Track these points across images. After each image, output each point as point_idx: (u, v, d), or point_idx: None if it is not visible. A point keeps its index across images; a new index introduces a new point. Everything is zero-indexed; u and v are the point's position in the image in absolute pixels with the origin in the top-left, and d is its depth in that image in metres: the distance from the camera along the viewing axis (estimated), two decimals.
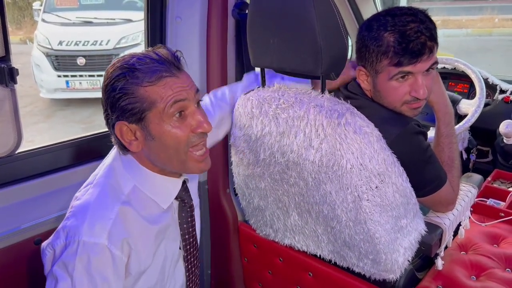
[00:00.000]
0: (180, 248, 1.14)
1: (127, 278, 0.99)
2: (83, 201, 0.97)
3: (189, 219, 1.13)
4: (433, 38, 1.09)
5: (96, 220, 0.93)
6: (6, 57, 1.12)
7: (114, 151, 1.05)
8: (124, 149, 1.00)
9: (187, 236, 1.13)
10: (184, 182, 1.09)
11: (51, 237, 0.96)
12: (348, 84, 1.26)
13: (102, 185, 0.98)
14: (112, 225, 0.93)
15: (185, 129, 0.96)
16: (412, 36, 1.06)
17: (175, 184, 1.06)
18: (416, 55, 1.07)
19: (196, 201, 1.20)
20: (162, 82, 0.92)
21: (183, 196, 1.10)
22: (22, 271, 1.26)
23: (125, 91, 0.91)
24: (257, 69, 1.39)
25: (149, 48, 0.98)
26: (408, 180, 1.12)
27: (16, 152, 1.22)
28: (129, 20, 5.70)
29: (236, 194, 1.54)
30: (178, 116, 0.95)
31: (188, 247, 1.15)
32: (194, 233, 1.16)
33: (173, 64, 0.95)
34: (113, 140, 1.01)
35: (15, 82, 1.15)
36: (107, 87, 0.94)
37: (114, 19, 5.74)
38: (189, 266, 1.18)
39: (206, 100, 1.35)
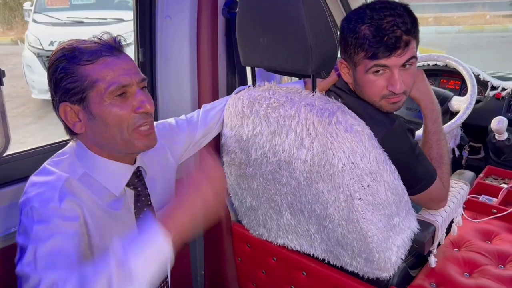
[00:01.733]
0: None
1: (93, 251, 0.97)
2: (31, 180, 0.96)
3: (145, 209, 1.10)
4: (410, 32, 1.08)
5: (44, 188, 0.92)
6: None
7: (70, 142, 1.05)
8: (71, 133, 1.01)
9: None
10: (139, 171, 1.09)
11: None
12: (337, 81, 1.26)
13: (49, 165, 0.99)
14: (61, 189, 0.92)
15: (126, 108, 0.96)
16: (387, 29, 1.06)
17: (125, 170, 1.05)
18: (390, 49, 1.07)
19: (164, 200, 1.17)
20: (101, 61, 0.93)
21: (136, 184, 1.08)
22: (10, 275, 1.24)
23: (65, 71, 0.93)
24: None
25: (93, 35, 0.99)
26: (400, 178, 1.12)
27: (4, 154, 1.20)
28: (121, 20, 5.66)
29: (228, 194, 1.54)
30: (119, 96, 0.95)
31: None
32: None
33: (113, 46, 0.97)
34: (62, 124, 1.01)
35: (1, 83, 1.14)
36: (50, 69, 0.95)
37: (105, 19, 5.70)
38: None
39: (195, 112, 1.36)
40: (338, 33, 1.15)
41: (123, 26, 5.55)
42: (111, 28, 5.49)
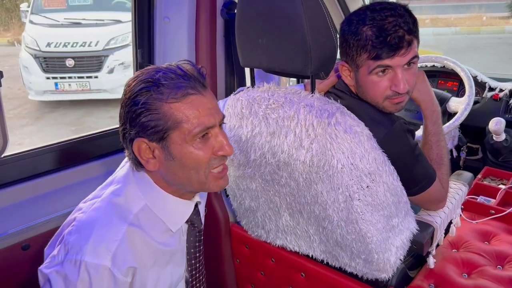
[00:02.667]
0: (184, 271, 1.11)
1: None
2: (88, 216, 0.91)
3: (197, 244, 1.09)
4: (412, 31, 1.09)
5: (101, 240, 0.88)
6: None
7: (126, 166, 0.99)
8: (139, 165, 0.95)
9: (193, 261, 1.10)
10: (196, 206, 1.06)
11: (54, 251, 0.91)
12: (336, 83, 1.26)
13: (110, 202, 0.93)
14: (118, 246, 0.88)
15: (207, 151, 0.92)
16: (390, 29, 1.06)
17: (187, 207, 1.02)
18: (394, 48, 1.07)
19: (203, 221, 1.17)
20: (188, 100, 0.88)
21: (194, 220, 1.06)
22: (9, 277, 1.23)
23: (148, 106, 0.87)
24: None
25: (173, 63, 0.93)
26: (399, 178, 1.12)
27: (2, 156, 1.20)
28: (118, 21, 5.67)
29: (227, 195, 1.53)
30: (202, 137, 0.91)
31: (193, 272, 1.12)
32: (201, 258, 1.12)
33: (198, 80, 0.91)
34: (127, 155, 0.96)
35: None
36: (128, 100, 0.89)
37: (103, 20, 5.71)
38: None
39: None
40: (337, 34, 1.15)
41: (120, 28, 5.56)
42: (108, 29, 5.51)
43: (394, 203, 1.12)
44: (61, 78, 5.40)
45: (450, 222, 1.42)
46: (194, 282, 1.14)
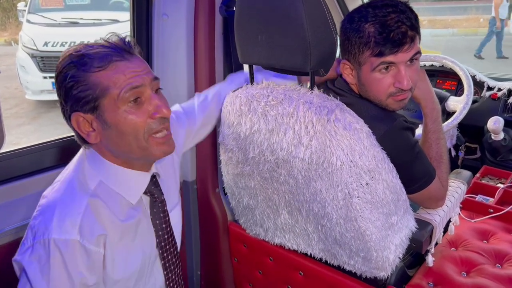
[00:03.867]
0: (156, 247, 1.11)
1: (105, 279, 0.97)
2: (50, 198, 0.94)
3: (162, 215, 1.09)
4: (414, 27, 1.09)
5: (65, 216, 0.89)
6: None
7: (81, 148, 1.02)
8: (83, 141, 0.97)
9: (160, 233, 1.09)
10: (154, 177, 1.06)
11: (23, 239, 0.92)
12: (335, 80, 1.26)
13: (69, 181, 0.95)
14: (82, 219, 0.90)
15: (141, 115, 0.92)
16: (392, 25, 1.06)
17: (142, 178, 1.02)
18: (397, 45, 1.07)
19: (175, 201, 1.17)
20: (113, 66, 0.89)
21: (153, 191, 1.06)
22: (4, 276, 1.22)
23: (76, 79, 0.88)
24: (246, 68, 1.38)
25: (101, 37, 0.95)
26: (398, 176, 1.12)
27: None
28: (116, 21, 5.65)
29: (225, 194, 1.53)
30: (134, 102, 0.91)
31: (163, 243, 1.10)
32: (169, 229, 1.11)
33: (123, 49, 0.92)
34: (73, 133, 0.98)
35: None
36: (58, 77, 0.91)
37: (100, 20, 5.69)
38: (167, 265, 1.14)
39: (190, 102, 1.33)
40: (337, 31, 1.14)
41: (118, 27, 5.54)
42: (106, 29, 5.49)
43: (393, 200, 1.11)
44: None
45: (449, 221, 1.42)
46: (166, 255, 1.12)
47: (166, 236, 1.11)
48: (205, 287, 1.80)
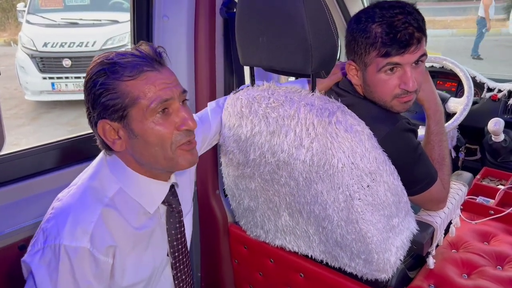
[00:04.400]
0: (167, 255, 1.11)
1: (112, 283, 0.96)
2: (64, 202, 0.93)
3: (177, 225, 1.09)
4: (421, 29, 1.09)
5: (77, 223, 0.89)
6: None
7: (101, 153, 1.01)
8: (108, 148, 0.96)
9: (175, 243, 1.09)
10: (172, 186, 1.06)
11: (33, 240, 0.92)
12: (339, 82, 1.25)
13: (85, 187, 0.95)
14: (94, 227, 0.90)
15: (168, 126, 0.92)
16: (399, 26, 1.06)
17: (162, 188, 1.02)
18: (404, 46, 1.07)
19: (188, 208, 1.17)
20: (143, 76, 0.89)
21: (171, 201, 1.06)
22: (6, 277, 1.22)
23: (105, 87, 0.88)
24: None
25: (132, 46, 0.95)
26: (399, 178, 1.12)
27: None
28: (116, 21, 5.66)
29: (226, 195, 1.53)
30: (162, 113, 0.91)
31: (176, 254, 1.11)
32: (183, 239, 1.12)
33: (154, 59, 0.93)
34: (97, 140, 0.98)
35: None
36: (87, 83, 0.91)
37: (100, 20, 5.69)
38: (178, 274, 1.14)
39: (204, 110, 1.33)
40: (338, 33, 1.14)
41: (117, 28, 5.55)
42: (105, 30, 5.50)
43: (394, 202, 1.11)
44: (57, 78, 5.38)
45: (450, 223, 1.42)
46: (178, 264, 1.12)
47: (179, 246, 1.11)
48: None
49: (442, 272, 1.31)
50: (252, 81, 1.30)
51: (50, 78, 5.37)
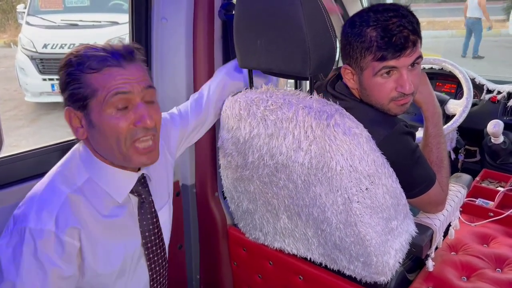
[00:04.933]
0: (142, 246, 1.11)
1: (84, 272, 0.98)
2: (34, 189, 0.98)
3: (149, 216, 1.09)
4: (416, 32, 1.09)
5: (43, 207, 0.93)
6: None
7: (77, 143, 1.05)
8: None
9: (147, 234, 1.10)
10: (143, 178, 1.07)
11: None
12: (336, 84, 1.25)
13: (54, 174, 0.99)
14: (59, 211, 0.93)
15: (124, 121, 0.94)
16: (394, 30, 1.06)
17: (129, 178, 1.03)
18: (399, 49, 1.07)
19: (163, 201, 1.17)
20: (106, 71, 0.92)
21: (140, 191, 1.07)
22: None
23: (71, 77, 0.93)
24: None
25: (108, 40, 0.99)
26: (398, 181, 1.12)
27: None
28: (115, 23, 5.65)
29: (224, 198, 1.52)
30: (121, 107, 0.93)
31: (149, 244, 1.11)
32: (156, 231, 1.12)
33: (122, 55, 0.95)
34: None
35: None
36: (59, 72, 0.96)
37: (99, 22, 5.69)
38: (153, 265, 1.14)
39: (187, 102, 1.34)
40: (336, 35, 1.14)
41: (117, 29, 5.54)
42: (105, 31, 5.50)
43: (393, 205, 1.11)
44: (57, 79, 5.35)
45: (449, 225, 1.42)
46: (152, 255, 1.13)
47: (153, 237, 1.12)
48: None
49: (441, 274, 1.31)
50: (251, 84, 1.29)
51: (50, 79, 5.35)
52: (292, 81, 1.84)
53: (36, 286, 0.91)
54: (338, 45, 1.18)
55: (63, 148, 1.38)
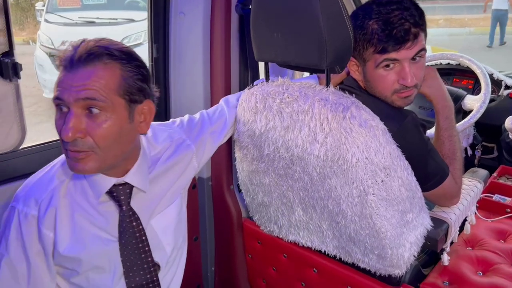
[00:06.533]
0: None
1: (57, 258, 1.04)
2: (33, 176, 1.05)
3: (128, 220, 1.06)
4: (418, 24, 1.09)
5: (33, 193, 1.01)
6: (10, 52, 1.13)
7: None
8: None
9: (125, 252, 1.07)
10: (129, 187, 1.05)
11: None
12: (344, 79, 1.26)
13: (54, 164, 1.05)
14: (43, 201, 1.00)
15: (58, 127, 0.93)
16: (395, 23, 1.07)
17: (106, 181, 1.02)
18: (400, 42, 1.08)
19: (166, 203, 1.15)
20: (60, 74, 0.93)
21: (121, 200, 1.05)
22: None
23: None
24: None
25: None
26: (413, 174, 1.12)
27: (21, 147, 1.22)
28: (132, 20, 5.70)
29: (240, 190, 1.54)
30: (62, 111, 0.92)
31: (123, 241, 1.07)
32: (137, 234, 1.08)
33: (77, 58, 0.90)
34: None
35: (18, 77, 1.16)
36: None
37: (116, 19, 5.75)
38: (128, 264, 1.09)
39: (219, 106, 1.34)
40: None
41: (133, 26, 5.60)
42: (121, 28, 5.55)
43: (408, 198, 1.11)
44: None
45: (465, 220, 1.41)
46: (125, 252, 1.09)
47: (129, 237, 1.07)
48: (219, 283, 1.81)
49: (456, 269, 1.30)
50: (267, 77, 1.31)
51: None
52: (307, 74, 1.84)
53: (21, 258, 1.01)
54: None
55: None
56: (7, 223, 1.01)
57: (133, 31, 5.57)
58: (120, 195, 1.05)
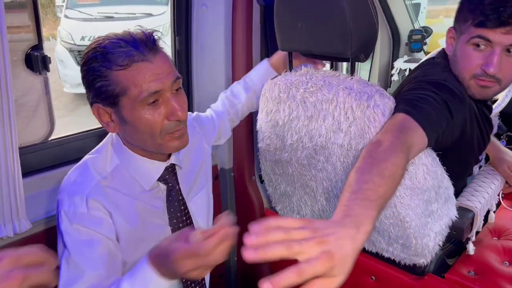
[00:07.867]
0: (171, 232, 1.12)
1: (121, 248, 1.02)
2: (68, 174, 1.02)
3: (176, 204, 1.10)
4: None
5: (76, 192, 0.97)
6: (39, 46, 1.15)
7: None
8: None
9: (175, 221, 1.10)
10: (171, 166, 1.08)
11: None
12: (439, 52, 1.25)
13: (86, 161, 1.02)
14: (88, 195, 0.96)
15: (157, 116, 0.94)
16: (507, 2, 1.02)
17: (156, 167, 1.05)
18: (500, 22, 1.03)
19: (195, 190, 1.18)
20: (134, 67, 0.90)
21: (167, 180, 1.08)
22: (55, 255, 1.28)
23: (98, 74, 0.91)
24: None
25: (127, 30, 0.96)
26: (439, 163, 1.11)
27: (49, 139, 1.24)
28: (150, 15, 5.74)
29: (262, 181, 1.55)
30: (153, 103, 0.93)
31: (176, 228, 1.10)
32: (185, 218, 1.12)
33: (147, 46, 0.92)
34: None
35: (47, 70, 1.18)
36: (82, 68, 0.95)
37: (134, 14, 5.79)
38: None
39: (218, 105, 1.36)
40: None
41: (151, 21, 5.62)
42: (140, 22, 5.57)
43: (433, 187, 1.10)
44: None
45: (489, 211, 1.39)
46: None
47: (181, 225, 1.11)
48: (242, 272, 1.83)
49: (482, 259, 1.29)
50: (290, 67, 1.31)
51: None
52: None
53: (86, 257, 0.95)
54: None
55: (100, 133, 1.45)
56: (59, 229, 0.98)
57: (151, 26, 5.56)
58: (170, 176, 1.08)
